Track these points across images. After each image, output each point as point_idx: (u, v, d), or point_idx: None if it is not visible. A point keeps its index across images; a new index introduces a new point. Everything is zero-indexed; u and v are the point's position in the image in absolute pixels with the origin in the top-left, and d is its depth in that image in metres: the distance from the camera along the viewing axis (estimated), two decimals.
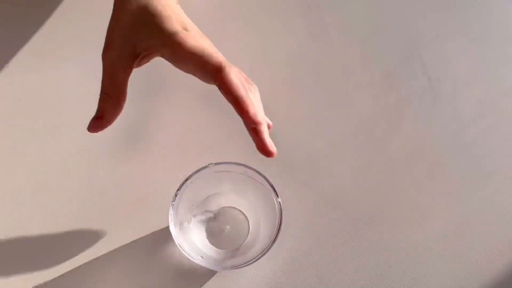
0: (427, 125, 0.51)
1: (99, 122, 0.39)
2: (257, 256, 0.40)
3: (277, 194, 0.42)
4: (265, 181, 0.43)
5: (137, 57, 0.39)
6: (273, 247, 0.41)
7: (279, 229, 0.42)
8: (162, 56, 0.39)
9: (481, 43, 0.55)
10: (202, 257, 0.41)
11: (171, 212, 0.41)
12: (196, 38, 0.37)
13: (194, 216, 0.45)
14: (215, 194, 0.46)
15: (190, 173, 0.43)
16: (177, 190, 0.42)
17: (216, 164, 0.43)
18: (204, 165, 0.43)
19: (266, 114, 0.51)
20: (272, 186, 0.42)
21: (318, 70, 0.54)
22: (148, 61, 0.40)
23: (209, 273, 0.43)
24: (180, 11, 0.41)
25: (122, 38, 0.38)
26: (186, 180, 0.42)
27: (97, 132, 0.39)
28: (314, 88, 0.53)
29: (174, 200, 0.42)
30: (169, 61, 0.39)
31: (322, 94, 0.52)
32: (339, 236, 0.45)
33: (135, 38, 0.38)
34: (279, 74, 0.53)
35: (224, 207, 0.47)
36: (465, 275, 0.44)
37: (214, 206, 0.47)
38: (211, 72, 0.35)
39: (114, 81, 0.38)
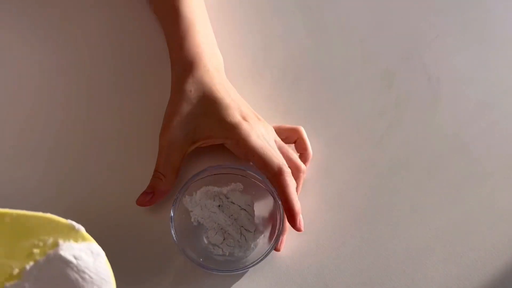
0: (427, 125, 0.51)
1: (149, 197, 0.42)
2: (258, 258, 0.40)
3: (278, 196, 0.42)
4: (265, 183, 0.43)
5: (195, 142, 0.41)
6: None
7: (279, 231, 0.42)
8: (224, 144, 0.42)
9: (481, 43, 0.55)
10: (202, 259, 0.41)
11: (172, 215, 0.41)
12: (257, 131, 0.41)
13: (195, 218, 0.45)
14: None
15: (191, 175, 0.43)
16: (178, 193, 0.42)
17: (215, 167, 0.43)
18: (203, 168, 0.43)
19: (266, 114, 0.51)
20: (272, 188, 0.42)
21: (318, 70, 0.53)
22: (205, 145, 0.42)
23: (209, 275, 0.43)
24: (235, 94, 0.44)
25: (181, 124, 0.40)
26: (187, 182, 0.42)
27: (145, 206, 0.42)
28: (314, 88, 0.53)
29: (174, 203, 0.41)
30: (230, 149, 0.43)
31: (321, 94, 0.52)
32: (339, 236, 0.46)
33: (195, 125, 0.41)
34: (279, 74, 0.53)
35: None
36: (465, 275, 0.44)
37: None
38: (271, 175, 0.40)
39: (169, 163, 0.41)
